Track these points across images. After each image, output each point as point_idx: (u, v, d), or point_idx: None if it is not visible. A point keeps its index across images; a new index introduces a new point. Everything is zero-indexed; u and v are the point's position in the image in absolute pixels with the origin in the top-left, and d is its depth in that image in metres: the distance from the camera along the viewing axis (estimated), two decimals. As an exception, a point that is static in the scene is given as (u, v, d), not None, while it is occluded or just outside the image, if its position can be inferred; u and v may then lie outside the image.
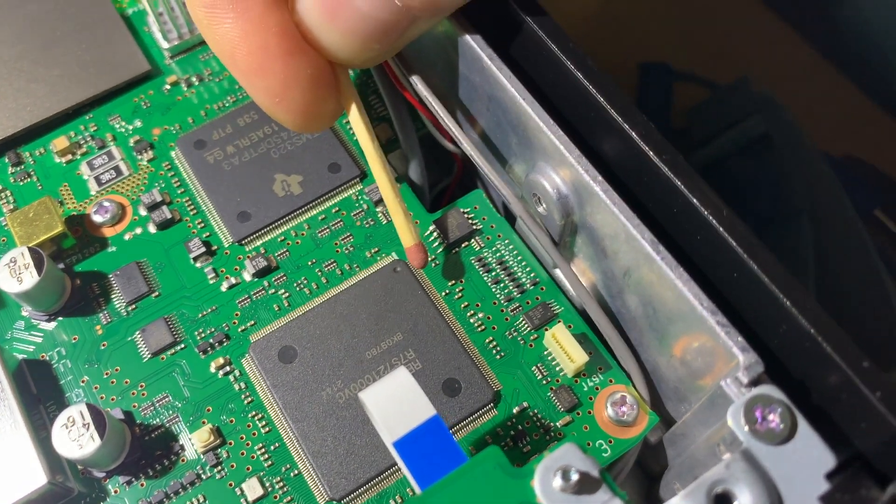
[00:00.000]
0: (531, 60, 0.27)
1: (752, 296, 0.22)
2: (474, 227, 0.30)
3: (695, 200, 0.23)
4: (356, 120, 0.27)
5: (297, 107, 0.25)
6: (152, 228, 0.30)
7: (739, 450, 0.20)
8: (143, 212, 0.31)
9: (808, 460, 0.20)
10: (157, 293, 0.29)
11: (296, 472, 0.26)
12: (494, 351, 0.28)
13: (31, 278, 0.27)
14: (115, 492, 0.26)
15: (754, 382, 0.22)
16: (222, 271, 0.29)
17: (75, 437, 0.25)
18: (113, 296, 0.29)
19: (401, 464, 0.22)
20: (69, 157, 0.32)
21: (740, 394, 0.22)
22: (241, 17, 0.23)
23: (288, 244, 0.30)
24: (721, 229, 0.22)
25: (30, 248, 0.28)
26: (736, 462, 0.20)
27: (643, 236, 0.23)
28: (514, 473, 0.21)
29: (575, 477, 0.20)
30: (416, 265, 0.28)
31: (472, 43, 0.27)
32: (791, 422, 0.21)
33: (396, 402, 0.22)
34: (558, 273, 0.29)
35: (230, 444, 0.27)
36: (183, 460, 0.26)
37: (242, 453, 0.26)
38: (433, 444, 0.22)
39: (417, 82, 0.29)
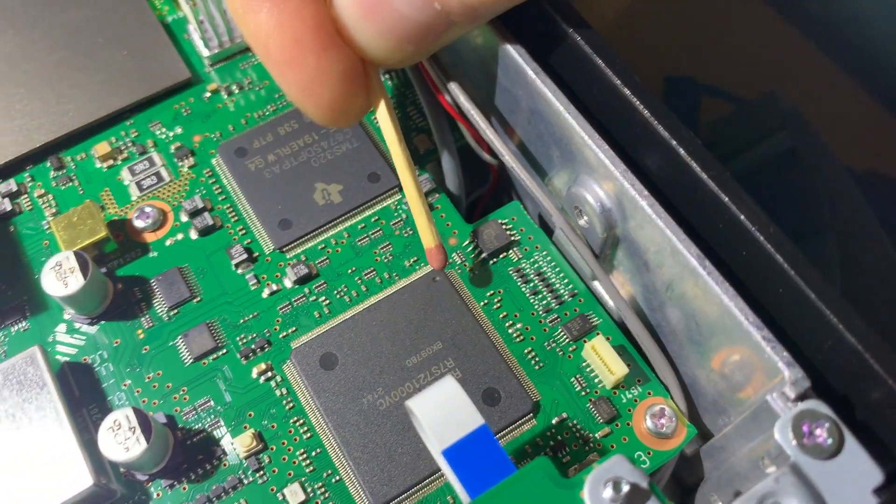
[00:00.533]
0: (573, 72, 0.28)
1: (798, 311, 0.23)
2: (512, 238, 0.30)
3: (742, 217, 0.23)
4: (384, 118, 0.27)
5: (325, 101, 0.25)
6: (194, 234, 0.31)
7: (788, 464, 0.21)
8: (184, 218, 0.31)
9: (855, 475, 0.20)
10: (198, 298, 0.29)
11: (337, 477, 0.26)
12: (533, 361, 0.28)
13: (76, 282, 0.28)
14: (158, 495, 0.26)
15: (801, 397, 0.22)
16: (263, 278, 0.30)
17: (122, 440, 0.25)
18: (154, 301, 0.29)
19: (448, 472, 0.23)
20: (110, 162, 0.33)
21: (787, 408, 0.22)
22: (277, 7, 0.24)
23: (328, 252, 0.30)
24: (768, 246, 0.23)
25: (75, 253, 0.28)
26: (785, 476, 0.20)
27: (689, 251, 0.24)
28: (564, 484, 0.21)
29: (626, 488, 0.20)
30: (436, 266, 0.28)
31: (517, 56, 0.27)
32: (838, 437, 0.21)
33: (444, 411, 0.23)
34: (596, 285, 0.29)
35: (272, 449, 0.27)
36: (225, 465, 0.27)
37: (284, 458, 0.27)
38: (482, 454, 0.22)
39: (458, 94, 0.29)
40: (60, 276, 0.28)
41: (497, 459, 0.22)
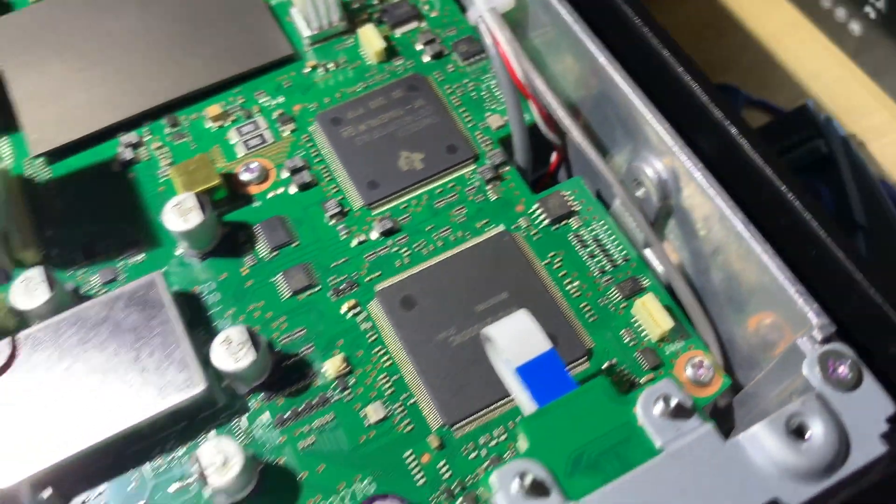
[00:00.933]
0: (640, 61, 0.31)
1: (828, 270, 0.26)
2: (573, 208, 0.34)
3: (783, 187, 0.27)
4: None
5: None
6: (293, 189, 0.35)
7: (814, 393, 0.24)
8: (284, 174, 0.35)
9: (871, 406, 0.24)
10: (296, 243, 0.34)
11: (413, 400, 0.30)
12: (588, 314, 0.32)
13: (196, 218, 0.32)
14: (256, 406, 0.30)
15: (826, 341, 0.25)
16: (353, 229, 0.34)
17: (233, 351, 0.29)
18: (257, 243, 0.34)
19: (517, 388, 0.26)
20: (220, 123, 0.37)
21: (814, 350, 0.25)
22: None
23: (410, 211, 0.34)
24: (806, 213, 0.26)
25: (196, 194, 0.32)
26: (811, 400, 0.24)
27: (736, 216, 0.27)
28: (619, 400, 0.25)
29: (674, 402, 0.24)
30: None
31: (591, 46, 0.31)
32: (858, 373, 0.24)
33: (518, 337, 0.26)
34: (647, 252, 0.33)
35: (357, 373, 0.31)
36: (315, 384, 0.31)
37: (368, 381, 0.31)
38: (549, 373, 0.26)
39: (534, 76, 0.33)
40: (181, 213, 0.32)
41: (562, 378, 0.26)
